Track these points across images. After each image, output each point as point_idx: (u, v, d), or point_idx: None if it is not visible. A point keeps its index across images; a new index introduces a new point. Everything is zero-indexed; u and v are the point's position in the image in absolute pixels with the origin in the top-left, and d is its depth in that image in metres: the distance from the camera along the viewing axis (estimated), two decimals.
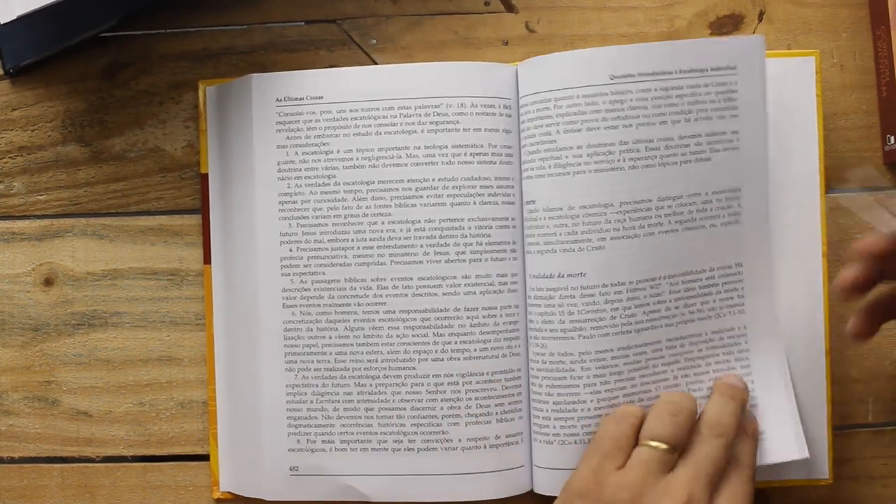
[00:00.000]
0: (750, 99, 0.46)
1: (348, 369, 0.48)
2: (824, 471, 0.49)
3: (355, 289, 0.48)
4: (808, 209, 0.49)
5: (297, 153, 0.49)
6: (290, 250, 0.49)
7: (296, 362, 0.49)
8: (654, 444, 0.43)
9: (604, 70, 0.46)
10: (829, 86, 0.51)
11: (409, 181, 0.48)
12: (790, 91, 0.49)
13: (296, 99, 0.49)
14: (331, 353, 0.48)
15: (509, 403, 0.48)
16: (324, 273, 0.48)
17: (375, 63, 0.52)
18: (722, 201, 0.47)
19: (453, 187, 0.47)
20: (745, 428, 0.46)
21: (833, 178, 0.51)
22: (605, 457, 0.43)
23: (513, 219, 0.48)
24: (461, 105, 0.48)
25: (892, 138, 0.50)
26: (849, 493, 0.50)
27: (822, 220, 0.49)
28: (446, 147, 0.47)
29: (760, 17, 0.51)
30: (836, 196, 0.51)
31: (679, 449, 0.43)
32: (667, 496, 0.41)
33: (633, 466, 0.42)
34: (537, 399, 0.48)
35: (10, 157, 0.52)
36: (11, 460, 0.52)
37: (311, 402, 0.49)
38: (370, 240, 0.48)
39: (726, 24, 0.51)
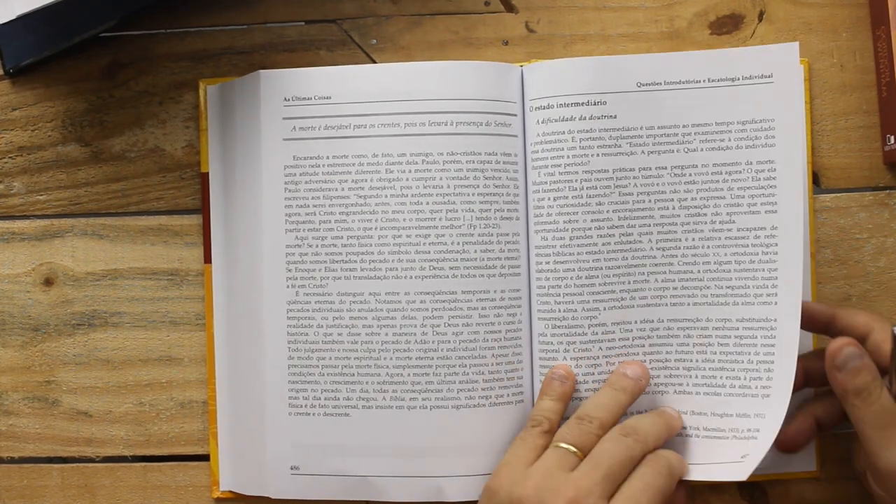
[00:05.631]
0: (786, 109, 0.46)
1: (354, 367, 0.48)
2: (811, 464, 0.49)
3: (363, 287, 0.48)
4: (797, 210, 0.50)
5: (304, 152, 0.49)
6: (297, 248, 0.49)
7: (300, 361, 0.48)
8: (563, 445, 0.44)
9: (631, 78, 0.46)
10: (829, 86, 0.51)
11: (417, 183, 0.47)
12: (783, 95, 0.49)
13: (304, 98, 0.49)
14: (337, 352, 0.48)
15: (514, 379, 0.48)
16: (330, 274, 0.48)
17: (375, 63, 0.52)
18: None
19: (464, 191, 0.47)
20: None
21: (833, 179, 0.51)
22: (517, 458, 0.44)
23: (516, 233, 0.48)
24: (473, 106, 0.47)
25: (892, 138, 0.50)
26: (840, 490, 0.50)
27: (811, 221, 0.50)
28: (455, 152, 0.47)
29: (760, 17, 0.51)
30: (836, 196, 0.51)
31: (586, 451, 0.44)
32: (559, 491, 0.41)
33: (537, 466, 0.43)
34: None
35: (10, 157, 0.52)
36: (11, 460, 0.52)
37: (317, 400, 0.48)
38: (378, 244, 0.48)
39: (726, 24, 0.51)
